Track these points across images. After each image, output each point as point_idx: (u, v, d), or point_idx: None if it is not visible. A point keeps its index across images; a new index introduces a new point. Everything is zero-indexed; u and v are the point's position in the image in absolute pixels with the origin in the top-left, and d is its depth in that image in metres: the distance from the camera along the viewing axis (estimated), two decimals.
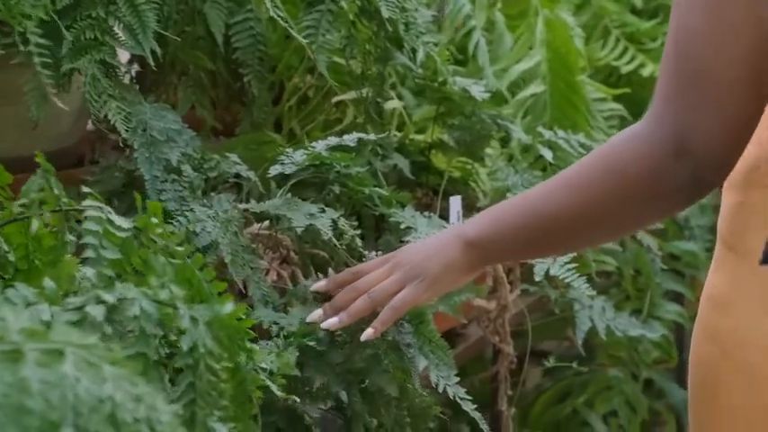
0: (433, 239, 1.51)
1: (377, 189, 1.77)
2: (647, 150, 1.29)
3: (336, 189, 1.76)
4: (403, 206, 1.83)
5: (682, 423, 3.11)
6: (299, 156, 1.65)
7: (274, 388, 1.29)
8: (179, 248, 1.25)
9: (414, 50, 1.87)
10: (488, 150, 2.08)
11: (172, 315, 1.10)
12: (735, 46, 1.23)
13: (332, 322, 1.49)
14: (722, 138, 1.26)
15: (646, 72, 2.61)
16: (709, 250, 2.69)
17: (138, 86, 1.95)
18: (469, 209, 2.02)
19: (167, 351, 1.15)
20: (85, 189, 1.22)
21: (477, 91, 1.91)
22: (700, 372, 1.38)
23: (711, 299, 1.36)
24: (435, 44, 1.91)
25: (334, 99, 2.00)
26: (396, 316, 1.48)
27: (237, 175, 1.73)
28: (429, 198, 2.02)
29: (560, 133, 2.05)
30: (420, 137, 2.05)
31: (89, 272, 1.12)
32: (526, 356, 2.04)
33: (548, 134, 2.05)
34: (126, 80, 1.96)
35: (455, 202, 1.87)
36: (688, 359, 3.03)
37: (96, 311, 1.08)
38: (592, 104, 2.22)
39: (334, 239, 1.59)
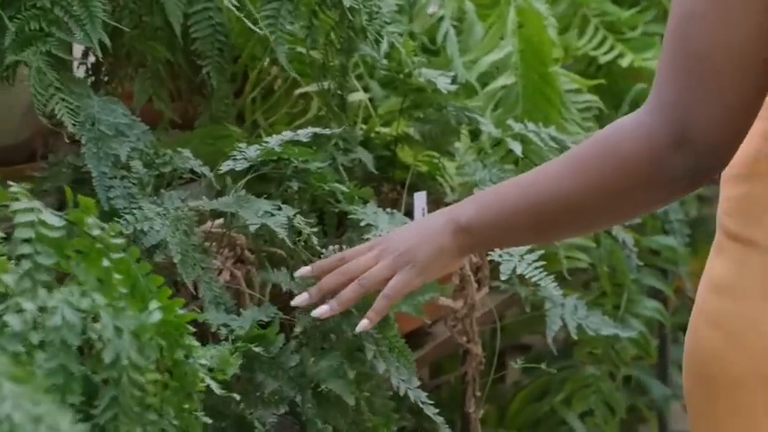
0: (421, 223, 1.47)
1: (337, 185, 1.71)
2: (647, 139, 1.26)
3: (294, 185, 1.70)
4: (365, 202, 1.77)
5: (664, 419, 3.06)
6: (253, 151, 1.59)
7: (214, 385, 1.23)
8: (116, 241, 1.18)
9: (377, 41, 1.81)
10: (458, 144, 2.02)
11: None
12: (737, 34, 1.22)
13: (323, 310, 1.45)
14: (723, 127, 1.24)
15: (625, 62, 2.55)
16: (689, 245, 2.64)
17: (93, 78, 1.91)
18: (437, 204, 1.96)
19: None
20: (13, 188, 1.16)
21: (444, 83, 1.85)
22: (700, 358, 1.36)
23: (715, 286, 1.35)
24: (400, 34, 1.84)
25: (297, 91, 1.94)
26: (390, 305, 1.44)
27: (192, 171, 1.67)
28: (396, 193, 1.96)
29: (531, 126, 1.99)
30: (387, 130, 1.99)
31: (9, 278, 1.05)
32: (495, 356, 1.98)
33: (517, 127, 1.99)
34: (82, 72, 1.91)
35: (420, 198, 1.81)
36: (669, 355, 2.99)
37: (15, 321, 1.02)
38: (565, 96, 2.15)
39: (286, 239, 1.53)
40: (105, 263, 1.05)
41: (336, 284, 1.46)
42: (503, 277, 1.75)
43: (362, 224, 1.68)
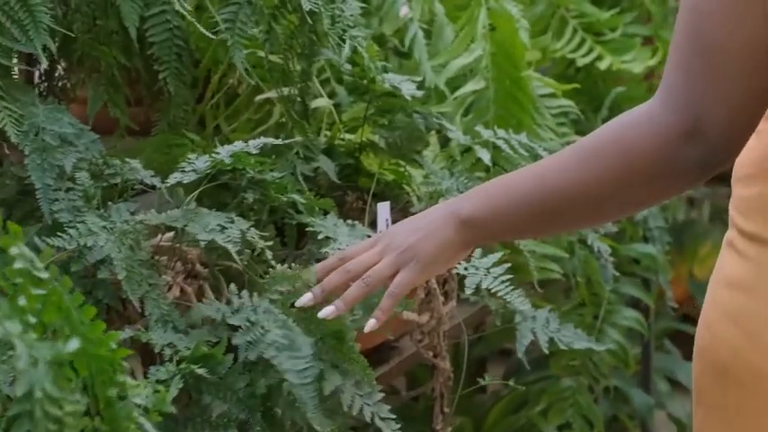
0: (424, 217, 1.45)
1: (294, 196, 1.65)
2: (657, 132, 1.27)
3: (250, 196, 1.63)
4: (326, 213, 1.71)
5: (648, 429, 3.00)
6: (202, 163, 1.52)
7: (149, 426, 1.16)
8: (44, 274, 1.12)
9: (339, 45, 1.74)
10: (427, 151, 1.95)
11: None
12: (748, 27, 1.22)
13: (329, 311, 1.44)
14: (730, 123, 1.25)
15: (603, 65, 2.48)
16: (677, 249, 2.58)
17: (46, 84, 1.84)
18: (404, 214, 1.89)
19: None
20: None
21: (408, 88, 1.78)
22: (716, 355, 1.34)
23: (732, 284, 1.34)
24: (364, 38, 1.78)
25: (258, 98, 1.87)
26: (396, 303, 1.43)
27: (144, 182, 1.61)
28: (362, 203, 1.89)
29: (500, 133, 1.92)
30: (353, 137, 1.92)
31: None
32: (463, 370, 1.91)
33: (486, 134, 1.92)
34: (36, 78, 1.85)
35: (383, 209, 1.75)
36: (651, 363, 2.91)
37: None
38: (539, 101, 2.08)
39: (235, 255, 1.46)
40: (22, 301, 0.98)
41: (340, 283, 1.44)
42: (467, 291, 1.70)
43: (320, 237, 1.63)
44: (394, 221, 1.87)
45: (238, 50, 1.71)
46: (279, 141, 1.60)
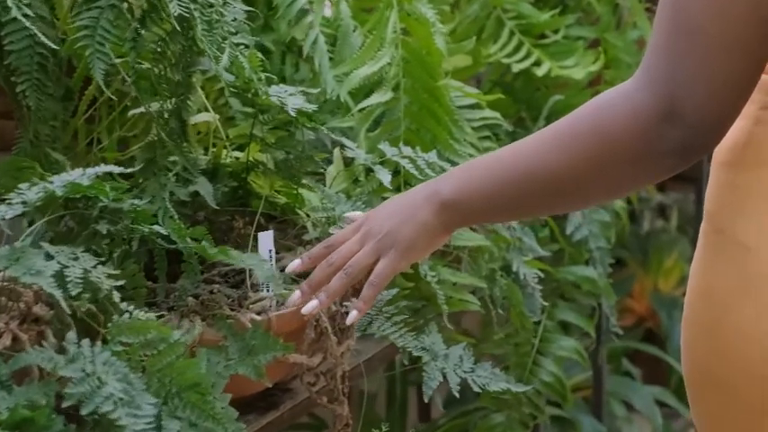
0: (405, 199, 1.43)
1: (157, 227, 1.45)
2: (634, 114, 1.25)
3: (103, 228, 1.44)
4: (199, 242, 1.52)
5: None
6: (34, 193, 1.33)
7: None
8: None
9: (217, 55, 1.55)
10: (329, 171, 1.76)
11: None
12: (734, 8, 1.20)
13: (312, 305, 1.43)
14: (713, 103, 1.23)
15: (540, 71, 2.27)
16: (611, 275, 2.38)
17: None
18: (299, 241, 1.70)
19: None
20: None
21: (294, 103, 1.58)
22: (694, 366, 1.36)
23: (703, 292, 1.34)
24: (247, 46, 1.58)
25: (131, 112, 1.68)
26: (377, 292, 1.42)
27: None
28: (251, 228, 1.70)
29: (406, 151, 1.73)
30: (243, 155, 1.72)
31: None
32: (362, 408, 1.72)
33: (390, 152, 1.72)
34: None
35: (266, 239, 1.56)
36: (604, 387, 2.72)
37: None
38: (458, 113, 1.88)
39: (62, 301, 1.27)
40: None
41: (325, 276, 1.43)
42: (356, 334, 1.51)
43: None
44: (287, 249, 1.69)
45: (98, 60, 1.52)
46: (120, 170, 1.40)
